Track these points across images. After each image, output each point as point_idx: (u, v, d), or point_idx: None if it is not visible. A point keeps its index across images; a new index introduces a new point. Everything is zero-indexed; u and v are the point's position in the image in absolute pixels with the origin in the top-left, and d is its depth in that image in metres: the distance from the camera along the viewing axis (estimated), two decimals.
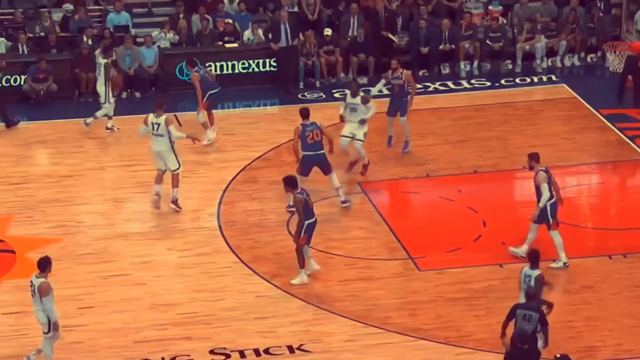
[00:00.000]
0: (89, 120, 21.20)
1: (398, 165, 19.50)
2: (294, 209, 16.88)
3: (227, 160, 20.18)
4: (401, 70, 19.73)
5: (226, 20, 24.44)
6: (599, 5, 25.26)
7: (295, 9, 24.69)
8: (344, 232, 17.38)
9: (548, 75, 24.12)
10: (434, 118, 22.02)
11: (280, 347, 14.73)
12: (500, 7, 25.44)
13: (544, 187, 16.13)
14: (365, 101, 19.10)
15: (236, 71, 23.49)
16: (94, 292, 16.07)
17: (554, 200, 16.25)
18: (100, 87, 21.08)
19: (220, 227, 17.92)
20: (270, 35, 23.63)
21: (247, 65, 23.61)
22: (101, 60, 21.03)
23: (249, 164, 20.04)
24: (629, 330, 14.97)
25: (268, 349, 14.71)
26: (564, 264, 16.31)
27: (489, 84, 23.73)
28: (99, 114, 21.15)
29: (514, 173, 19.64)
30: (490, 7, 25.40)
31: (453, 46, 24.33)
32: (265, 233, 17.65)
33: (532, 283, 13.85)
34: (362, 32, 24.19)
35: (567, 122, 21.67)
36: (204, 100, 20.53)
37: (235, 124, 21.72)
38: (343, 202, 18.20)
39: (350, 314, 15.45)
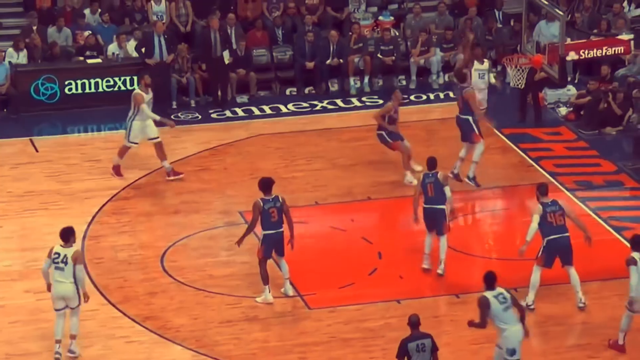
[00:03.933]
0: None
1: (284, 192, 19.35)
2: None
3: (91, 190, 19.93)
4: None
5: (86, 33, 24.07)
6: (496, 15, 25.65)
7: (165, 19, 24.43)
8: (225, 268, 17.31)
9: (445, 92, 24.40)
10: (321, 140, 22.09)
11: None
12: (392, 18, 25.63)
13: (533, 218, 16.09)
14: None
15: (100, 89, 23.18)
16: None
17: (551, 237, 16.07)
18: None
19: (84, 265, 17.55)
20: (143, 50, 23.30)
21: (112, 83, 23.30)
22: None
23: (117, 193, 19.82)
24: None
25: None
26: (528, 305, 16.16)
27: (381, 101, 23.85)
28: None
29: (410, 200, 19.67)
30: (380, 18, 25.57)
31: (341, 60, 24.43)
32: (136, 271, 17.47)
33: None
34: (243, 44, 24.09)
35: None
36: None
37: (100, 148, 21.48)
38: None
39: (233, 359, 15.30)
